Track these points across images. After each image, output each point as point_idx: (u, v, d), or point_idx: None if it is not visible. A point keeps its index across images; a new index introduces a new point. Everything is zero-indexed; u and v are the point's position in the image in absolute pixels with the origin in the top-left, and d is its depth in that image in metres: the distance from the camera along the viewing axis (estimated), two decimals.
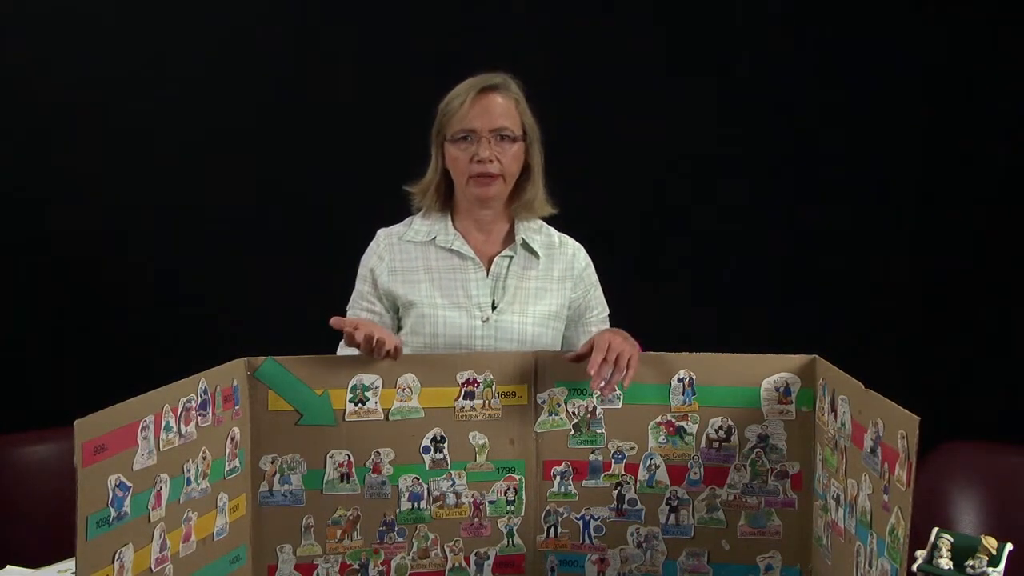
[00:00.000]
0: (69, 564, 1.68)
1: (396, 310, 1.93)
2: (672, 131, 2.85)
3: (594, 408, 1.68)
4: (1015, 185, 2.89)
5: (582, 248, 2.02)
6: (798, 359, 1.66)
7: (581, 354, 1.68)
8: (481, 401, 1.67)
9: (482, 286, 1.90)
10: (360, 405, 1.65)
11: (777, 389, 1.65)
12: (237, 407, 1.57)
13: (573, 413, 1.69)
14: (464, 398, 1.67)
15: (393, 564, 1.68)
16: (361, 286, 1.96)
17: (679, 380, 1.67)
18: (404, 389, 1.66)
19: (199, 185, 3.06)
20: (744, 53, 2.93)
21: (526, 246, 1.93)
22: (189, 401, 1.43)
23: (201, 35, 3.04)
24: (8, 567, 1.73)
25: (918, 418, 1.20)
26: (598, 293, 2.02)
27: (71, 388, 2.97)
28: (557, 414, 1.69)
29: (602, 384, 1.62)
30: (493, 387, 1.68)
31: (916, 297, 2.96)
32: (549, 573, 1.71)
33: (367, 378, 1.65)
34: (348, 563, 1.67)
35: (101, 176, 3.06)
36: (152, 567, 1.36)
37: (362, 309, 1.94)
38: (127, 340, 3.09)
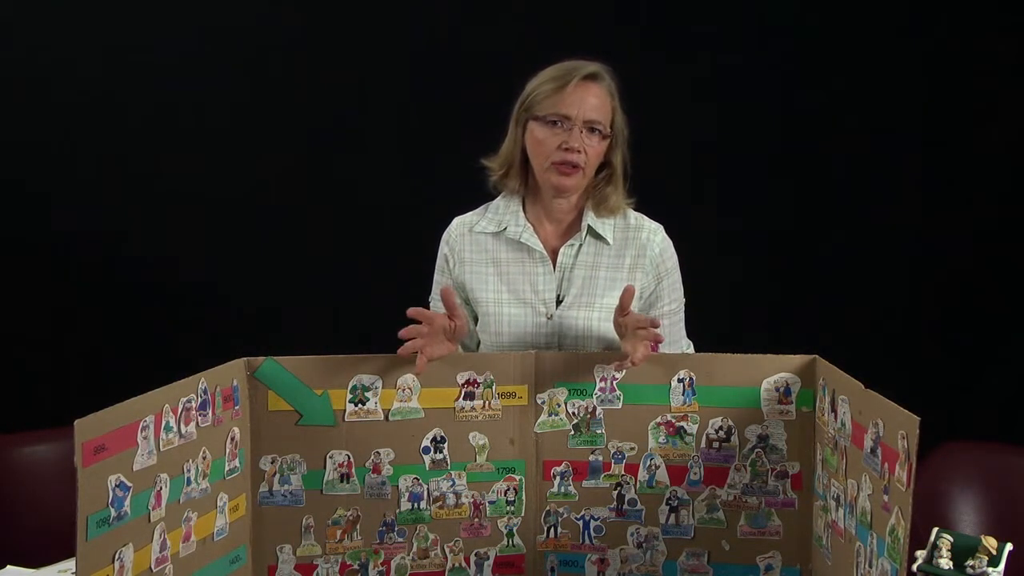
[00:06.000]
0: (69, 564, 1.68)
1: (468, 301, 1.89)
2: (670, 129, 2.85)
3: (594, 408, 1.68)
4: (1016, 184, 2.89)
5: (660, 231, 1.90)
6: (798, 359, 1.65)
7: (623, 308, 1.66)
8: (481, 401, 1.67)
9: (548, 280, 1.84)
10: (360, 405, 1.65)
11: (777, 389, 1.65)
12: (237, 407, 1.57)
13: (573, 413, 1.68)
14: (464, 398, 1.66)
15: (393, 564, 1.68)
16: (438, 276, 1.94)
17: (679, 380, 1.67)
18: (404, 389, 1.65)
19: (199, 185, 3.06)
20: (746, 52, 2.93)
21: (593, 232, 1.85)
22: (189, 401, 1.44)
23: (201, 32, 3.04)
24: (8, 567, 1.73)
25: (918, 418, 1.20)
26: (671, 282, 1.90)
27: (71, 388, 2.97)
28: (557, 414, 1.68)
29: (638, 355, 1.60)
30: (493, 387, 1.67)
31: (916, 297, 2.96)
32: (549, 573, 1.70)
33: (367, 378, 1.64)
34: (348, 563, 1.67)
35: (101, 175, 3.07)
36: (152, 567, 1.36)
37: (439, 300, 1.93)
38: (127, 340, 3.10)
